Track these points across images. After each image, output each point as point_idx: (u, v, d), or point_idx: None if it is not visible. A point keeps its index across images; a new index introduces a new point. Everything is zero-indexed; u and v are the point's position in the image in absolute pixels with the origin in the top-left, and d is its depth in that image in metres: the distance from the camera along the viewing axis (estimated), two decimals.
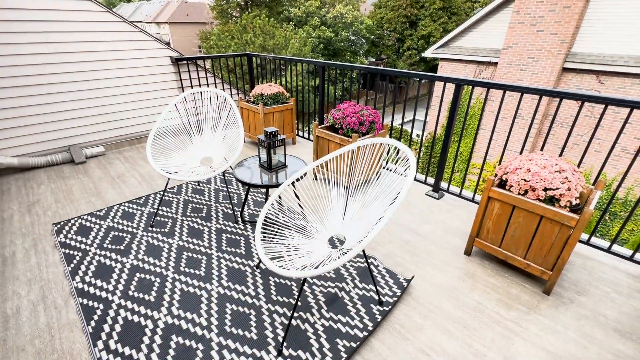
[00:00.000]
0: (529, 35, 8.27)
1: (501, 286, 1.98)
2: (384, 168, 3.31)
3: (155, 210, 2.66)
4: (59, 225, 2.51)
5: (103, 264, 2.12)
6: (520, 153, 2.18)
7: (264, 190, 3.05)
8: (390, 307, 1.81)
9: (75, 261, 2.14)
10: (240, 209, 2.73)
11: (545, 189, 1.79)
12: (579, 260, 2.19)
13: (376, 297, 1.88)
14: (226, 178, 3.28)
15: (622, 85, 7.64)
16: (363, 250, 1.74)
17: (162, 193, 2.98)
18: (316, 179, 3.24)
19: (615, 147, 7.80)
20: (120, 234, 2.41)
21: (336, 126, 2.99)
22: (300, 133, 4.59)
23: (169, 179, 2.48)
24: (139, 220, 2.58)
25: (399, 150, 1.72)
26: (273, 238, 1.89)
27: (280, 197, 2.23)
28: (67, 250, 2.24)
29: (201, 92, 2.96)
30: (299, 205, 2.18)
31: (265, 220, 1.89)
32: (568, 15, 7.62)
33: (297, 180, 2.01)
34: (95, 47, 3.58)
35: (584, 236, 2.31)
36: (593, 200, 1.78)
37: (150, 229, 2.48)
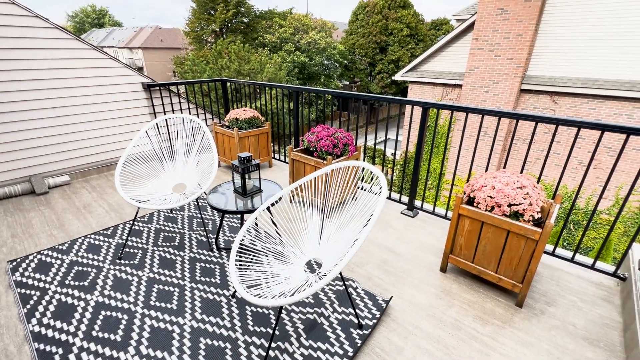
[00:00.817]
0: (488, 60, 8.94)
1: (476, 301, 2.02)
2: (359, 188, 3.37)
3: (124, 241, 2.54)
4: (14, 263, 2.32)
5: (64, 303, 1.97)
6: (486, 171, 2.30)
7: (239, 215, 2.99)
8: (370, 330, 1.79)
9: (32, 302, 1.97)
10: (215, 236, 2.66)
11: (510, 205, 1.89)
12: (547, 271, 2.29)
13: (356, 321, 1.85)
14: (200, 204, 3.20)
15: (574, 104, 8.34)
16: (340, 273, 1.73)
17: (131, 222, 2.85)
18: (293, 201, 3.23)
19: (573, 161, 8.40)
20: (85, 269, 2.27)
21: (311, 149, 3.03)
22: (277, 156, 4.61)
23: (138, 207, 2.39)
24: (105, 253, 2.44)
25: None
26: (249, 265, 1.85)
27: (256, 222, 2.20)
28: (23, 290, 2.07)
29: (174, 118, 2.93)
30: (276, 229, 2.15)
31: (240, 247, 1.85)
32: (521, 42, 8.34)
33: (273, 204, 2.00)
34: (62, 74, 3.49)
35: (550, 248, 2.43)
36: (553, 214, 1.89)
37: (118, 261, 2.35)
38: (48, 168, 3.60)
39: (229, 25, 22.33)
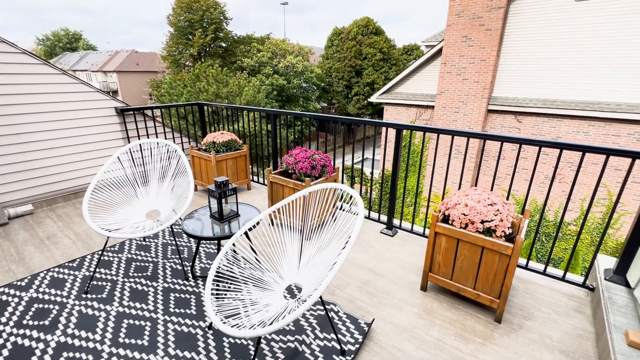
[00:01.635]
0: (456, 83, 9.49)
1: (457, 319, 2.03)
2: (338, 208, 3.38)
3: (92, 274, 2.39)
4: None
5: (20, 347, 1.80)
6: (459, 188, 2.38)
7: (216, 241, 2.91)
8: (352, 356, 1.75)
9: None
10: (190, 264, 2.55)
11: (482, 222, 1.96)
12: (522, 285, 2.35)
13: (338, 347, 1.80)
14: (175, 231, 3.09)
15: (536, 123, 8.92)
16: (321, 297, 1.70)
17: (100, 253, 2.69)
18: (273, 224, 3.19)
19: (539, 176, 8.88)
20: (46, 306, 2.10)
21: (289, 171, 3.04)
22: (256, 178, 4.57)
23: (108, 237, 2.27)
24: (70, 287, 2.28)
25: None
26: (227, 293, 1.78)
27: (234, 249, 2.14)
28: None
29: (148, 143, 2.87)
30: (255, 255, 2.10)
31: (217, 275, 1.79)
32: (485, 66, 8.95)
33: (250, 229, 1.96)
34: (29, 100, 3.36)
35: (523, 261, 2.51)
36: (523, 229, 1.97)
37: (84, 296, 2.19)
38: (8, 197, 3.38)
39: (207, 49, 22.58)
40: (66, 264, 2.55)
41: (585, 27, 7.90)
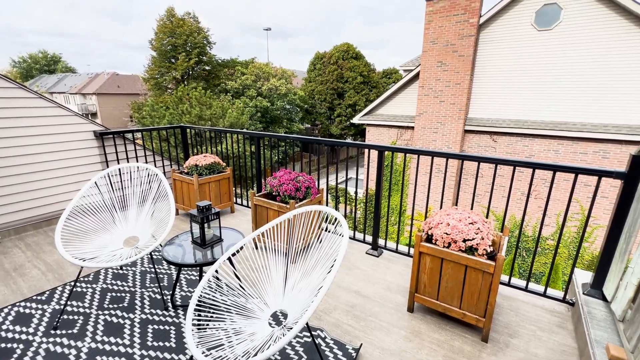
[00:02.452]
0: (434, 105, 9.90)
1: (445, 340, 2.02)
2: (324, 230, 3.36)
3: (62, 307, 2.24)
4: None
5: None
6: (440, 207, 2.44)
7: (198, 268, 2.81)
8: None
9: None
10: (170, 292, 2.44)
11: (465, 240, 1.99)
12: (506, 302, 2.38)
13: None
14: (154, 258, 2.97)
15: (510, 142, 9.35)
16: (307, 324, 1.66)
17: (72, 284, 2.54)
18: (257, 248, 3.12)
19: (516, 192, 9.21)
20: (8, 345, 1.93)
21: (274, 193, 3.02)
22: (239, 200, 4.51)
23: (81, 267, 2.15)
24: (37, 323, 2.12)
25: (336, 209, 1.79)
26: (209, 323, 1.70)
27: (217, 275, 2.07)
28: None
29: (128, 167, 2.80)
30: (239, 281, 2.04)
31: (199, 304, 1.72)
32: (460, 90, 9.42)
33: (234, 254, 1.92)
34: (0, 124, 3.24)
35: (505, 278, 2.55)
36: (503, 246, 2.02)
37: (52, 332, 2.04)
38: None
39: (191, 72, 22.72)
40: (34, 298, 2.39)
41: (548, 54, 8.54)
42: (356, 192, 3.43)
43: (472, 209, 2.42)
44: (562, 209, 8.66)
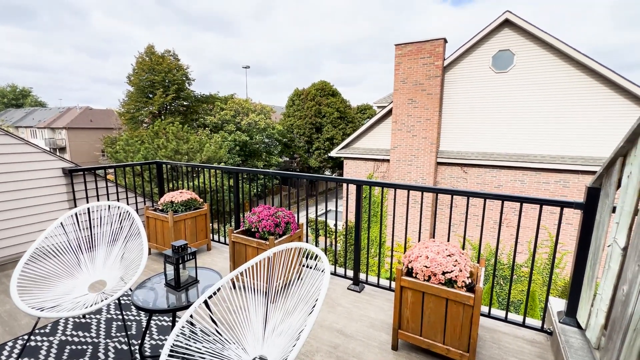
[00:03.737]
0: (407, 139, 10.39)
1: None
2: (304, 266, 3.30)
3: None
4: None
5: None
6: (419, 239, 2.48)
7: (171, 314, 2.64)
8: None
9: None
10: (139, 342, 2.25)
11: (444, 273, 2.02)
12: (488, 334, 2.38)
13: None
14: (123, 303, 2.76)
15: (480, 173, 9.85)
16: None
17: (25, 338, 2.29)
18: (235, 287, 2.99)
19: (489, 221, 9.55)
20: None
21: (252, 230, 2.97)
22: (216, 237, 4.37)
23: (39, 317, 1.96)
24: None
25: (316, 243, 1.78)
26: None
27: (191, 321, 1.95)
28: None
29: (98, 206, 2.68)
30: (215, 326, 1.93)
31: (172, 353, 1.59)
32: (430, 125, 9.99)
33: (210, 297, 1.83)
34: None
35: (485, 309, 2.57)
36: (481, 277, 2.06)
37: None
38: None
39: (168, 107, 22.72)
40: None
41: (506, 93, 9.37)
42: (336, 225, 3.44)
43: (448, 240, 2.49)
44: (532, 236, 9.03)
